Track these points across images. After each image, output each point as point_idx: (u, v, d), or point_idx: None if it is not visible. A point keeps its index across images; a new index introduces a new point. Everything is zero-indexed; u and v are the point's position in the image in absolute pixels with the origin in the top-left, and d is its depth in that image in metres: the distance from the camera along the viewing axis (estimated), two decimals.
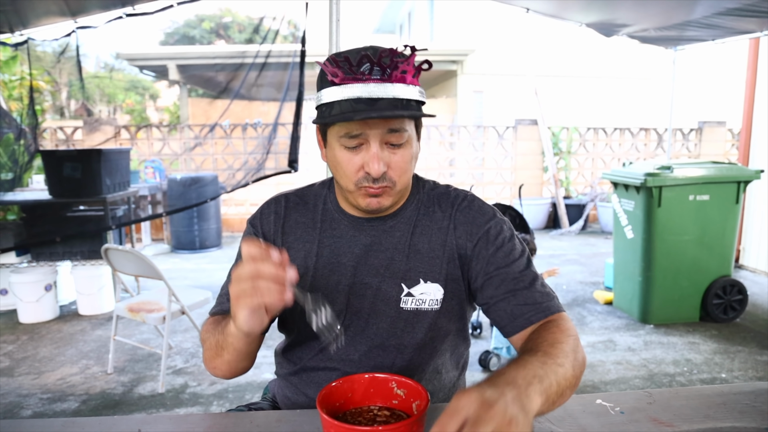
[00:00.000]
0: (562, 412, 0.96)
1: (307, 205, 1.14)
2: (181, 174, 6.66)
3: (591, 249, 6.45)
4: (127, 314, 2.98)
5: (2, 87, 7.11)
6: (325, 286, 1.07)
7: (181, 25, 20.65)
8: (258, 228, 1.12)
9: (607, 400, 1.00)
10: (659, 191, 3.62)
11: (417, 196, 1.11)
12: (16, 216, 4.66)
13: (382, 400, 0.90)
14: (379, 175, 0.97)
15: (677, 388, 1.06)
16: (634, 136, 8.19)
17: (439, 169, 8.00)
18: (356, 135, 0.96)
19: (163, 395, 2.85)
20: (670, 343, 3.49)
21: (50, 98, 12.63)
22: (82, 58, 4.61)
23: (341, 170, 1.00)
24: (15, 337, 3.71)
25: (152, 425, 0.94)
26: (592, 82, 10.83)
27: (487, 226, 1.07)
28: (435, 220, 1.09)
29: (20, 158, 4.76)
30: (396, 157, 0.99)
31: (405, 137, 0.98)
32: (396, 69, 0.93)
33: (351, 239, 1.08)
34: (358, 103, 0.93)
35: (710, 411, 0.97)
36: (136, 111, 18.71)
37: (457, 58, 10.33)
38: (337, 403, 0.87)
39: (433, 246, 1.07)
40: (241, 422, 0.94)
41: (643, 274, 3.76)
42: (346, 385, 0.89)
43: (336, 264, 1.07)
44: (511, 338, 1.02)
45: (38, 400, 2.82)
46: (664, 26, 4.33)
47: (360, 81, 0.93)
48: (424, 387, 0.85)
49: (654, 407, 0.98)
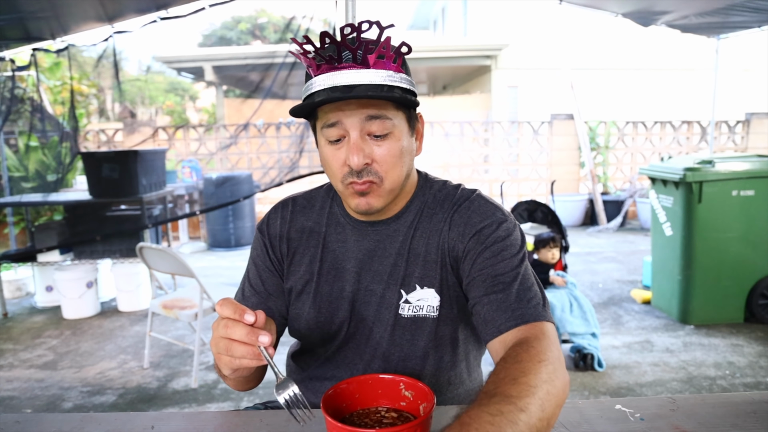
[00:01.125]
0: (579, 417, 0.93)
1: (313, 208, 1.10)
2: (216, 173, 6.79)
3: (629, 246, 6.27)
4: (161, 311, 3.06)
5: (48, 92, 7.40)
6: (329, 292, 1.04)
7: (219, 27, 21.09)
8: (265, 234, 1.10)
9: (628, 406, 0.96)
10: (699, 186, 3.48)
11: (422, 198, 1.05)
12: (62, 216, 4.85)
13: (390, 402, 0.89)
14: (359, 167, 0.91)
15: (704, 395, 1.01)
16: (676, 130, 7.91)
17: (473, 166, 7.91)
18: (333, 123, 0.91)
19: (196, 390, 2.91)
20: (711, 344, 3.35)
21: (95, 102, 13.10)
22: (123, 61, 4.76)
23: (329, 169, 0.96)
24: (59, 332, 3.86)
25: (165, 422, 0.95)
26: (631, 75, 10.52)
27: (481, 225, 0.98)
28: (434, 222, 1.02)
29: (64, 160, 4.94)
30: (380, 150, 0.92)
31: (388, 126, 0.92)
32: (370, 53, 0.87)
33: (355, 244, 1.04)
34: (333, 91, 0.88)
35: (738, 420, 0.91)
36: (175, 112, 19.21)
37: (491, 53, 10.19)
38: (344, 404, 0.86)
39: (429, 249, 1.01)
40: (250, 421, 0.95)
41: (683, 273, 3.63)
42: (353, 386, 0.88)
43: (340, 270, 1.04)
44: (487, 346, 0.93)
45: (78, 393, 2.92)
46: (706, 12, 4.15)
47: (336, 69, 0.88)
48: (431, 389, 0.83)
49: (677, 414, 0.93)
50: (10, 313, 4.30)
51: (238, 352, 0.79)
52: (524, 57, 10.36)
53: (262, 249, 1.10)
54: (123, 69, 11.80)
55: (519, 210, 3.75)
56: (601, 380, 2.92)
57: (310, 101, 0.89)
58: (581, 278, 4.89)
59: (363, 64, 0.88)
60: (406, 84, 0.92)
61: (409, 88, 0.93)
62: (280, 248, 1.09)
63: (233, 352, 0.79)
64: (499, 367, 0.78)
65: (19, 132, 5.47)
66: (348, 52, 0.88)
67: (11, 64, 4.73)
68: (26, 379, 3.11)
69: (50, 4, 3.77)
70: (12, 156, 5.55)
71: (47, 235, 4.24)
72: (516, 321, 0.88)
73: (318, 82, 0.90)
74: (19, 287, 4.80)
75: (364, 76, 0.88)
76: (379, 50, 0.88)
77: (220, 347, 0.80)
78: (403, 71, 0.92)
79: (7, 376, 3.15)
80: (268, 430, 0.92)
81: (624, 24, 4.76)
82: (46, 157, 5.32)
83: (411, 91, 0.94)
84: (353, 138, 0.91)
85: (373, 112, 0.91)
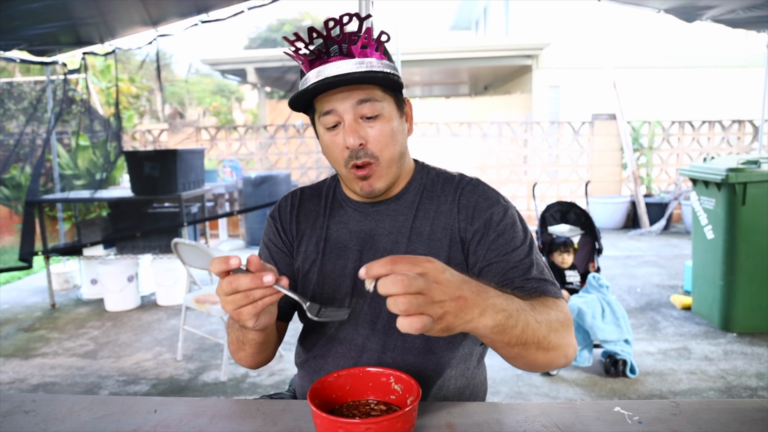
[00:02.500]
0: (573, 418, 0.91)
1: (319, 195, 1.19)
2: (255, 173, 6.93)
3: (672, 250, 6.05)
4: (194, 305, 3.15)
5: (100, 93, 7.74)
6: (332, 270, 1.10)
7: (264, 29, 21.55)
8: (277, 219, 1.18)
9: (627, 409, 0.94)
10: (743, 188, 3.33)
11: (421, 181, 1.13)
12: (107, 212, 5.07)
13: (379, 395, 0.89)
14: (354, 147, 0.99)
15: (710, 400, 0.97)
16: (726, 130, 7.58)
17: (512, 167, 7.80)
18: (328, 111, 0.99)
19: (225, 383, 2.99)
20: (754, 353, 3.20)
21: (147, 103, 13.60)
22: (173, 64, 4.94)
23: (330, 155, 1.04)
24: (101, 323, 4.04)
25: (168, 407, 0.99)
26: (677, 73, 10.13)
27: (490, 211, 1.05)
28: (438, 204, 1.09)
29: (111, 159, 5.16)
30: (373, 131, 1.00)
31: (378, 108, 0.99)
32: (353, 44, 0.95)
33: (356, 224, 1.11)
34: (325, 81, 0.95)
35: (744, 427, 0.88)
36: (221, 113, 19.73)
37: (532, 52, 10.02)
38: (333, 396, 0.88)
39: (434, 229, 1.07)
40: (248, 409, 0.97)
41: (725, 278, 3.48)
42: (343, 379, 0.89)
43: (343, 249, 1.10)
44: None
45: (115, 381, 3.05)
46: (755, 5, 3.95)
47: (325, 62, 0.96)
48: (417, 382, 0.83)
49: (678, 419, 0.90)
50: (57, 304, 4.52)
51: (256, 294, 0.81)
52: (566, 56, 10.14)
53: (274, 233, 1.17)
54: (173, 71, 12.01)
55: (551, 211, 3.68)
56: (633, 387, 2.83)
57: (303, 93, 0.97)
58: (619, 282, 4.75)
59: (348, 55, 0.96)
60: (389, 69, 0.99)
61: (392, 73, 1.00)
62: (290, 230, 1.16)
63: (253, 296, 0.81)
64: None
65: (72, 132, 5.74)
66: (335, 46, 0.96)
67: (64, 68, 4.98)
68: (68, 366, 3.27)
69: (99, 11, 3.95)
70: (64, 154, 5.84)
71: (92, 230, 4.44)
72: (539, 293, 0.97)
73: (311, 76, 0.98)
74: (67, 279, 5.04)
75: (351, 66, 0.95)
76: (362, 41, 0.95)
77: (236, 301, 0.82)
78: (385, 58, 1.00)
79: (51, 363, 3.32)
80: (264, 418, 0.94)
81: (668, 20, 4.59)
82: (95, 156, 5.58)
83: (395, 75, 1.00)
84: (347, 121, 0.99)
85: (363, 95, 0.98)
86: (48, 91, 5.02)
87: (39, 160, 4.81)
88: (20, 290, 5.08)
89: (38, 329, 3.95)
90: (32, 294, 4.91)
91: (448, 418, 0.92)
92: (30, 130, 5.08)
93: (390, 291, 0.66)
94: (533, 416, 0.93)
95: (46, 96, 5.07)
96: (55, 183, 5.23)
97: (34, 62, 4.81)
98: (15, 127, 5.21)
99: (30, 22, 3.83)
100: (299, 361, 1.16)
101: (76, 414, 0.97)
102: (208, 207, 5.49)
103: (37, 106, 5.17)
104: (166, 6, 4.04)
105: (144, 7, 3.90)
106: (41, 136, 5.04)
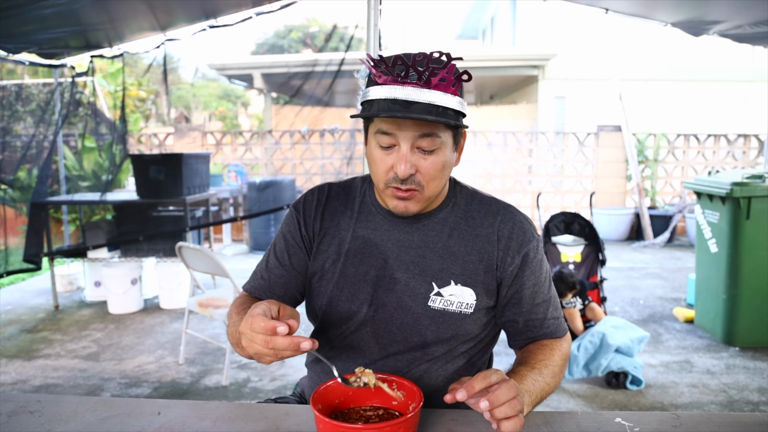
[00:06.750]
0: (575, 428, 0.91)
1: (348, 196, 1.17)
2: (260, 178, 6.95)
3: (676, 263, 6.03)
4: (197, 309, 3.16)
5: (108, 96, 7.79)
6: (353, 274, 1.10)
7: (271, 35, 21.65)
8: (300, 212, 1.17)
9: (628, 420, 0.94)
10: (748, 202, 3.33)
11: (453, 199, 1.13)
12: (112, 215, 5.09)
13: (382, 401, 0.90)
14: (405, 177, 0.99)
15: (711, 413, 0.98)
16: (731, 143, 7.58)
17: (516, 176, 7.81)
18: (388, 133, 0.98)
19: (226, 388, 3.00)
20: (757, 368, 3.19)
21: (153, 107, 13.67)
22: (181, 69, 4.98)
23: (374, 167, 1.04)
24: (104, 325, 4.05)
25: (172, 409, 1.00)
26: (683, 86, 10.14)
27: (528, 247, 1.10)
28: (474, 227, 1.11)
29: (117, 162, 5.19)
30: (426, 163, 1.00)
31: (437, 144, 0.99)
32: (434, 75, 0.94)
33: (385, 233, 1.11)
34: (394, 103, 0.96)
35: None
36: (227, 118, 19.81)
37: (538, 63, 10.06)
38: (336, 401, 0.89)
39: (469, 251, 1.08)
40: (250, 413, 0.98)
41: (728, 292, 3.47)
42: (345, 385, 0.89)
43: (367, 255, 1.10)
44: (511, 345, 1.18)
45: (117, 384, 3.06)
46: (762, 21, 3.97)
47: (399, 83, 0.95)
48: (420, 389, 0.84)
49: (679, 431, 0.91)
50: (61, 306, 4.54)
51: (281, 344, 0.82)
52: (572, 67, 10.17)
53: (295, 225, 1.16)
54: (179, 75, 12.10)
55: (555, 222, 3.68)
56: (634, 399, 2.82)
57: (369, 108, 0.99)
58: (622, 294, 4.74)
59: (426, 84, 0.95)
60: (458, 106, 0.99)
61: (461, 110, 1.00)
62: (313, 227, 1.15)
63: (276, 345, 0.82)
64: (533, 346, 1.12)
65: (78, 134, 5.78)
66: (414, 73, 0.95)
67: (72, 71, 5.03)
68: (71, 368, 3.28)
69: (109, 17, 3.99)
70: (71, 156, 5.87)
71: (96, 233, 4.46)
72: (545, 337, 1.13)
73: (381, 90, 0.97)
74: (71, 281, 5.05)
75: (424, 95, 0.95)
76: (442, 74, 0.95)
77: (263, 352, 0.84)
78: (459, 95, 0.99)
79: (54, 365, 3.33)
80: (267, 422, 0.95)
81: (675, 34, 4.61)
82: (101, 158, 5.61)
83: (462, 113, 1.01)
84: (404, 150, 0.99)
85: (426, 130, 0.98)
86: (56, 93, 5.06)
87: (46, 162, 4.84)
88: (24, 291, 5.10)
89: (41, 330, 3.96)
90: (36, 295, 4.93)
91: (450, 425, 0.93)
92: (38, 132, 5.11)
93: (509, 414, 0.85)
94: (535, 425, 0.93)
95: (54, 98, 5.11)
96: (61, 184, 5.26)
97: (42, 65, 4.85)
98: (23, 128, 5.25)
99: (40, 27, 3.87)
100: (308, 361, 1.17)
101: (81, 415, 0.98)
102: (213, 211, 5.50)
103: (45, 108, 5.21)
104: (175, 12, 4.08)
105: (153, 13, 3.94)
106: (48, 138, 5.08)
